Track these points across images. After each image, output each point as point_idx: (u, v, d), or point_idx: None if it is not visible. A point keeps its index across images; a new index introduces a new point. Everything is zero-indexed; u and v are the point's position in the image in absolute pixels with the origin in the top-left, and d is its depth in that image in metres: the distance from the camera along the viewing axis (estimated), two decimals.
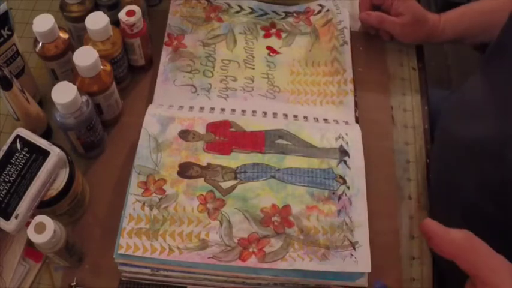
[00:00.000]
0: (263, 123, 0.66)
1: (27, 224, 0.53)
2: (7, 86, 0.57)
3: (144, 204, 0.59)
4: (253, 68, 0.74)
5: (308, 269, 0.56)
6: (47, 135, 0.68)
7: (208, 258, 0.56)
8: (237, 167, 0.62)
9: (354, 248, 0.57)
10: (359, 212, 0.60)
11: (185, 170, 0.62)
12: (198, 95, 0.71)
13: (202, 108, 0.68)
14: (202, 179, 0.61)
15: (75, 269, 0.60)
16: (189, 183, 0.61)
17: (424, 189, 0.67)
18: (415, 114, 0.73)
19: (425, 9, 0.73)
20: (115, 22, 0.67)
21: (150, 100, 0.71)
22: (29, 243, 0.59)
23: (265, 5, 0.80)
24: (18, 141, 0.56)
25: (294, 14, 0.80)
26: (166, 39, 0.76)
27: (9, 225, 0.53)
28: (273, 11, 0.80)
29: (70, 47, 0.66)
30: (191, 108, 0.68)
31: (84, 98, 0.60)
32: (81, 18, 0.65)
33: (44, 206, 0.56)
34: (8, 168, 0.54)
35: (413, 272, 0.62)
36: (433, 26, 0.72)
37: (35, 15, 0.63)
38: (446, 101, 0.72)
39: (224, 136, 0.64)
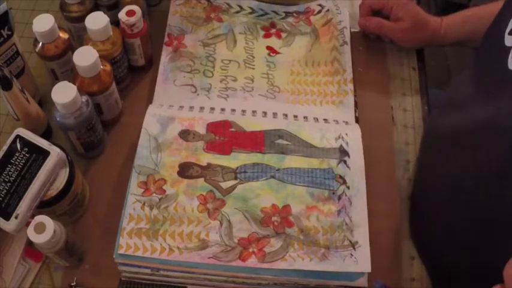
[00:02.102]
0: (263, 123, 0.66)
1: (27, 224, 0.53)
2: (7, 86, 0.57)
3: (144, 204, 0.59)
4: (253, 68, 0.74)
5: (308, 269, 0.56)
6: (47, 135, 0.68)
7: (208, 258, 0.56)
8: (237, 167, 0.62)
9: (354, 248, 0.57)
10: (359, 212, 0.60)
11: (185, 170, 0.62)
12: (198, 95, 0.71)
13: (202, 108, 0.68)
14: (202, 179, 0.61)
15: (75, 269, 0.60)
16: (189, 183, 0.61)
17: None
18: (415, 114, 0.72)
19: (426, 12, 0.72)
20: (115, 22, 0.67)
21: (150, 100, 0.71)
22: (29, 243, 0.59)
23: (265, 5, 0.80)
24: (18, 141, 0.56)
25: (294, 14, 0.80)
26: (166, 39, 0.76)
27: (9, 225, 0.53)
28: (273, 11, 0.80)
29: (70, 47, 0.66)
30: (191, 108, 0.68)
31: (84, 98, 0.60)
32: (81, 18, 0.65)
33: (44, 206, 0.56)
34: (8, 168, 0.54)
35: (413, 272, 0.62)
36: (434, 30, 0.71)
37: (35, 15, 0.63)
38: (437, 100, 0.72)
39: (224, 136, 0.64)
